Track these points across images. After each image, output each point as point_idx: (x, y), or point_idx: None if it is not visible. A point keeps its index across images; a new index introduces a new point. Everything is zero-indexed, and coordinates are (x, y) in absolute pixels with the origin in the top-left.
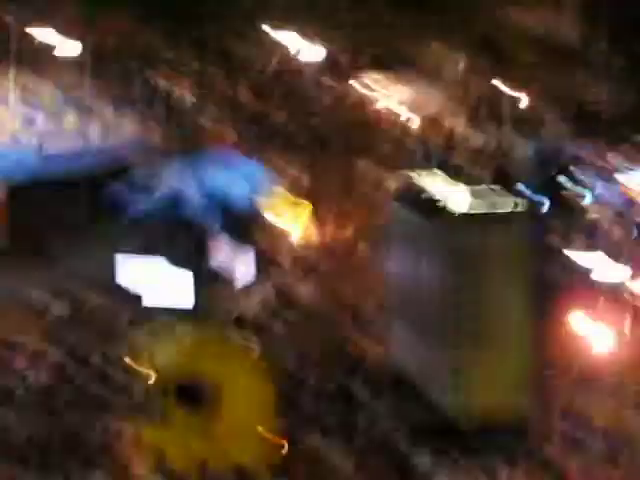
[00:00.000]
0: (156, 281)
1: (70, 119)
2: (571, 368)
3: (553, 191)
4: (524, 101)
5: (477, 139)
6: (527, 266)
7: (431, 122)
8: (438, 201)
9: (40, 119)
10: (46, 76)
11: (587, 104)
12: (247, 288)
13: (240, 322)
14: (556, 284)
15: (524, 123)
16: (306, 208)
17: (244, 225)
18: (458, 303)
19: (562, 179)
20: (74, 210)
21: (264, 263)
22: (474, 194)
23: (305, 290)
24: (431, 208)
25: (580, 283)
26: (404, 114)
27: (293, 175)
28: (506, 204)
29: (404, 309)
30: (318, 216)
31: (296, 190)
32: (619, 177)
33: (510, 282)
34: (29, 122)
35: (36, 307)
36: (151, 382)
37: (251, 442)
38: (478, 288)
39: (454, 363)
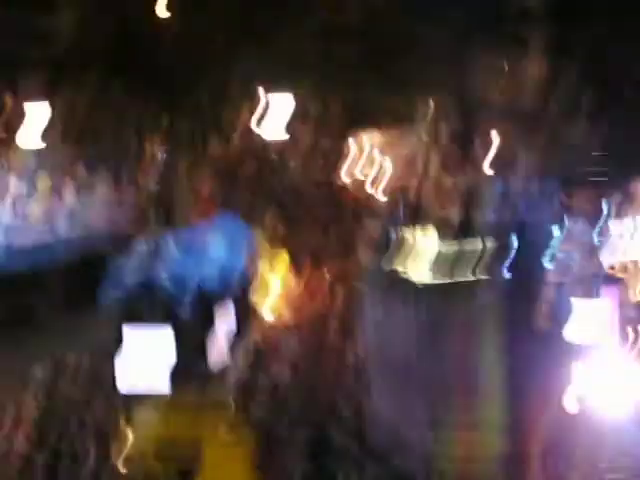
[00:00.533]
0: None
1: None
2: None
3: (521, 231)
4: (496, 140)
5: (448, 182)
6: (496, 330)
7: (405, 166)
8: (400, 272)
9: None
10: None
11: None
12: (229, 343)
13: (221, 381)
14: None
15: (496, 163)
16: (284, 257)
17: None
18: (428, 374)
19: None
20: (43, 304)
21: (246, 317)
22: (441, 238)
23: (287, 343)
24: (394, 279)
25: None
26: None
27: (269, 225)
28: (474, 249)
29: (382, 365)
30: (296, 265)
31: (273, 239)
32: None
33: (480, 347)
34: None
35: None
36: (130, 449)
37: None
38: (447, 357)
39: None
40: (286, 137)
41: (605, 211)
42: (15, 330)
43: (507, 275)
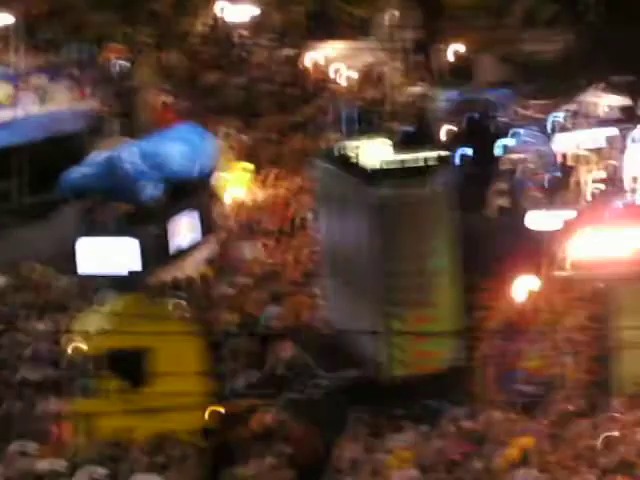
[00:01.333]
0: (102, 250)
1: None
2: (499, 317)
3: (478, 139)
4: (458, 50)
5: (406, 91)
6: (447, 218)
7: (364, 75)
8: (354, 157)
9: None
10: None
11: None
12: (191, 251)
13: (178, 286)
14: (482, 235)
15: (456, 73)
16: (248, 170)
17: (186, 189)
18: (380, 259)
19: (487, 127)
20: (8, 181)
21: (208, 225)
22: (394, 147)
23: (248, 251)
24: (348, 164)
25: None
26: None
27: (233, 137)
28: (426, 155)
29: (335, 266)
30: (258, 177)
31: (237, 152)
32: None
33: (431, 235)
34: None
35: None
36: (83, 352)
37: (185, 408)
38: (399, 242)
39: (382, 319)
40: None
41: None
42: None
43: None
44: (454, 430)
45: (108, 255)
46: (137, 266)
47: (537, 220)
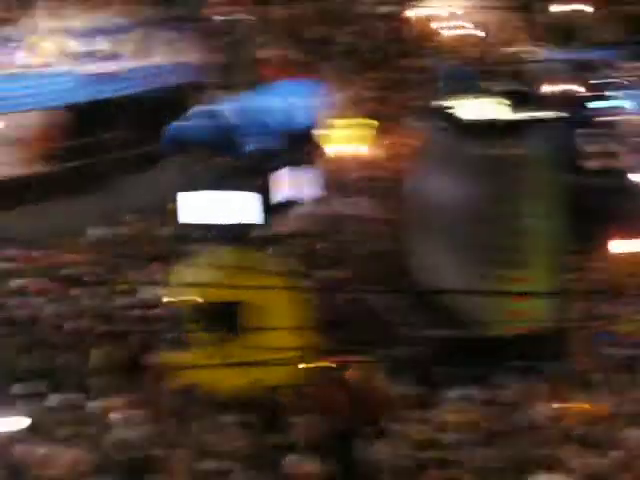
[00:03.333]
0: (203, 203)
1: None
2: (595, 279)
3: (581, 99)
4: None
5: (511, 50)
6: (547, 179)
7: (468, 32)
8: (455, 114)
9: (74, 44)
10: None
11: None
12: (293, 205)
13: (279, 241)
14: (580, 197)
15: (564, 31)
16: (370, 126)
17: (306, 147)
18: (478, 218)
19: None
20: (112, 133)
21: (311, 180)
22: (496, 106)
23: (350, 207)
24: (449, 121)
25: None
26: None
27: (356, 95)
28: (528, 115)
29: (433, 225)
30: (380, 134)
31: (359, 110)
32: None
33: (530, 195)
34: (62, 47)
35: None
36: (185, 305)
37: (288, 363)
38: (497, 202)
39: (478, 278)
40: None
41: None
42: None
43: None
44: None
45: (209, 208)
46: (237, 219)
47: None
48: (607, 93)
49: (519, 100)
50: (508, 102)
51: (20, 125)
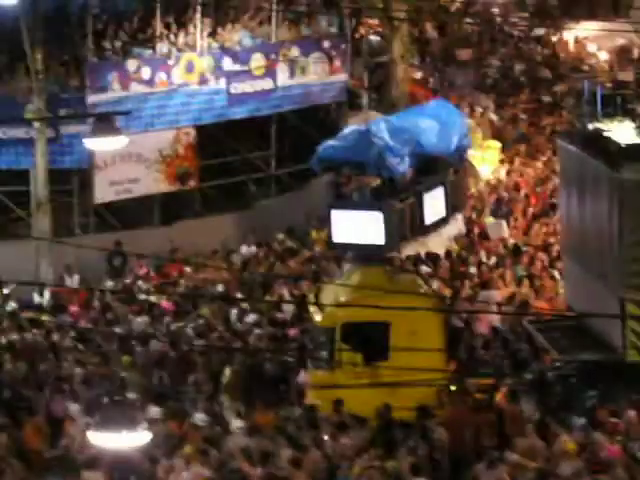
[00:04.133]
0: (350, 222)
1: (257, 60)
2: None
3: None
4: None
5: None
6: None
7: (617, 56)
8: (600, 138)
9: (227, 61)
10: (232, 19)
11: None
12: (438, 227)
13: (423, 262)
14: None
15: None
16: (496, 148)
17: (436, 166)
18: (621, 243)
19: None
20: (263, 150)
21: (456, 202)
22: None
23: (495, 230)
24: (594, 145)
25: None
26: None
27: (485, 115)
28: None
29: (576, 249)
30: (507, 156)
31: (488, 130)
32: None
33: None
34: (217, 64)
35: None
36: (322, 322)
37: (420, 384)
38: None
39: (621, 303)
40: None
41: None
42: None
43: None
44: None
45: (355, 228)
46: (381, 240)
47: None
48: None
49: None
50: None
51: (171, 141)
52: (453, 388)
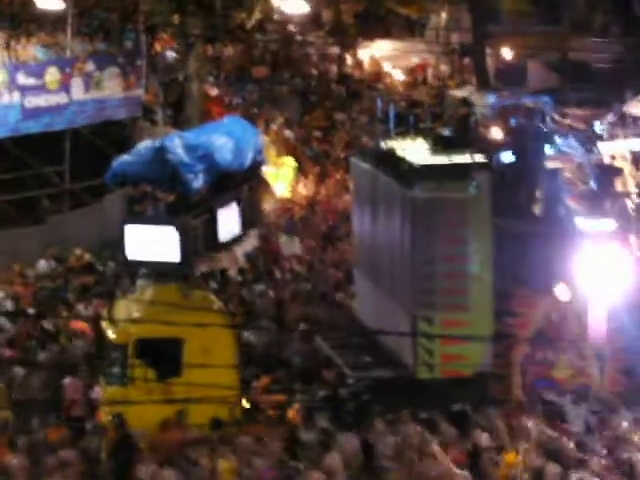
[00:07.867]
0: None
1: (52, 74)
2: (531, 325)
3: (519, 145)
4: (507, 55)
5: (450, 94)
6: (484, 222)
7: (410, 76)
8: (392, 157)
9: (22, 75)
10: (27, 33)
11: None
12: (231, 244)
13: (215, 279)
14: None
15: (502, 77)
16: (290, 165)
17: (231, 182)
18: (413, 260)
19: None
20: (58, 165)
21: (250, 219)
22: (433, 149)
23: (288, 247)
24: (386, 163)
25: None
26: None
27: (279, 132)
28: (466, 159)
29: (368, 266)
30: (301, 174)
31: (281, 148)
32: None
33: (467, 239)
34: (11, 78)
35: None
36: (115, 339)
37: (212, 400)
38: (433, 245)
39: (412, 321)
40: (306, 10)
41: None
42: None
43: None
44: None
45: (149, 244)
46: (175, 256)
47: (574, 229)
48: (549, 139)
49: (457, 144)
50: (446, 145)
51: None
52: (246, 405)
